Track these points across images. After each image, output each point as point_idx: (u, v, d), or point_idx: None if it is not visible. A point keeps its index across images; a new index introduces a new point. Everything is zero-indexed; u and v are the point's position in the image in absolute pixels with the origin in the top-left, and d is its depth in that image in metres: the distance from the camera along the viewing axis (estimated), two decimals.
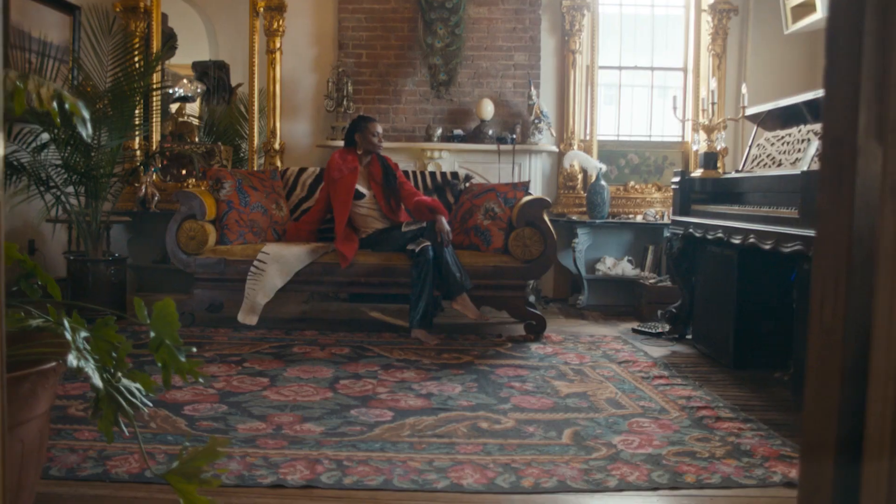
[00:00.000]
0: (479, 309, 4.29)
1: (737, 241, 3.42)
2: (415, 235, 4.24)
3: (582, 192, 5.80)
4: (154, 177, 5.86)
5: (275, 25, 5.75)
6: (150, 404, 1.93)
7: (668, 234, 5.29)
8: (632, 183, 5.88)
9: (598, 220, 5.46)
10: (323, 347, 3.89)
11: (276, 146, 5.81)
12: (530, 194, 4.60)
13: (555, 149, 5.72)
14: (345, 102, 5.54)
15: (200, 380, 1.99)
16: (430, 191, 4.87)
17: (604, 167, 5.56)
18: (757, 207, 3.45)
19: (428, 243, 4.15)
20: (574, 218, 5.56)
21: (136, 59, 4.64)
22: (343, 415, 2.78)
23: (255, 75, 5.83)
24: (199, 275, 4.38)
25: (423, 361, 3.65)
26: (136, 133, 4.85)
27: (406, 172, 4.86)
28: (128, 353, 1.84)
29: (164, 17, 7.01)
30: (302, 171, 4.98)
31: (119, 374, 1.93)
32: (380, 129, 4.49)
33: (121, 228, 5.66)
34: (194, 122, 6.81)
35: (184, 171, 6.06)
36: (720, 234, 3.63)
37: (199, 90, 7.93)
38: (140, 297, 1.84)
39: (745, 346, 3.67)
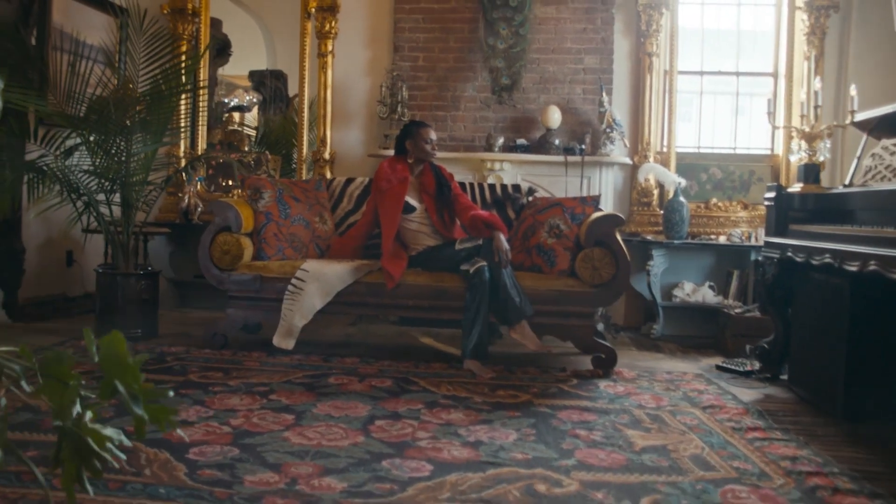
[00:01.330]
0: (541, 339, 3.79)
1: (852, 268, 2.84)
2: (469, 254, 3.78)
3: (658, 210, 5.25)
4: (199, 186, 5.57)
5: (327, 27, 5.40)
6: (123, 455, 1.50)
7: (758, 258, 4.70)
8: (714, 200, 5.29)
9: (676, 241, 4.89)
10: (362, 378, 3.45)
11: (326, 155, 5.45)
12: (601, 210, 4.08)
13: (628, 161, 5.19)
14: (399, 109, 5.13)
15: (179, 431, 1.56)
16: (489, 205, 4.41)
17: (683, 182, 5.00)
18: (878, 228, 2.86)
19: (484, 263, 3.68)
20: (649, 238, 5.00)
21: (172, 58, 4.30)
22: (373, 466, 2.32)
23: (306, 80, 5.50)
24: (232, 292, 4.01)
25: (474, 399, 3.16)
26: (170, 137, 4.49)
27: (462, 184, 4.41)
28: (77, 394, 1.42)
29: (219, 23, 6.79)
30: (349, 181, 4.58)
31: (85, 419, 1.52)
32: (433, 135, 4.06)
33: (161, 241, 5.37)
34: (245, 131, 6.55)
35: (230, 181, 5.76)
36: (828, 259, 3.05)
37: (254, 100, 7.71)
38: (89, 330, 1.42)
39: (859, 392, 3.07)
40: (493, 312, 3.73)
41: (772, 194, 3.77)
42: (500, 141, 5.13)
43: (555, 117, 5.09)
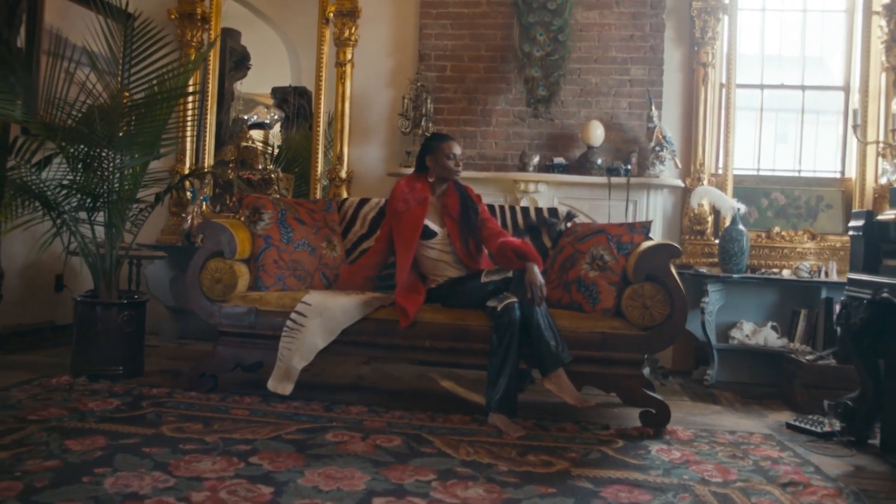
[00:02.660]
0: (580, 389, 3.20)
1: None
2: (498, 288, 3.23)
3: (712, 239, 4.65)
4: (204, 206, 5.10)
5: (346, 34, 4.93)
6: None
7: (832, 297, 4.08)
8: (776, 229, 4.67)
9: (735, 275, 4.28)
10: (367, 435, 2.89)
11: (343, 174, 4.95)
12: (651, 239, 3.50)
13: (679, 183, 4.60)
14: (423, 123, 4.62)
15: None
16: (522, 231, 3.86)
17: (742, 208, 4.40)
18: None
19: (514, 300, 3.12)
20: (703, 271, 4.40)
21: (167, 62, 3.83)
22: None
23: (323, 91, 5.03)
24: (224, 327, 3.50)
25: (499, 468, 2.58)
26: (166, 150, 4.00)
27: (491, 207, 3.86)
28: None
29: (236, 34, 6.40)
30: (363, 201, 4.05)
31: None
32: (457, 149, 3.53)
33: (162, 265, 4.90)
34: (260, 148, 6.12)
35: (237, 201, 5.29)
36: None
37: (276, 117, 7.33)
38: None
39: None
40: (523, 358, 3.15)
41: (859, 223, 3.16)
42: (536, 160, 4.58)
43: (597, 134, 4.54)
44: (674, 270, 3.26)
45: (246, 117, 6.99)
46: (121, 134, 3.59)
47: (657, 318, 3.20)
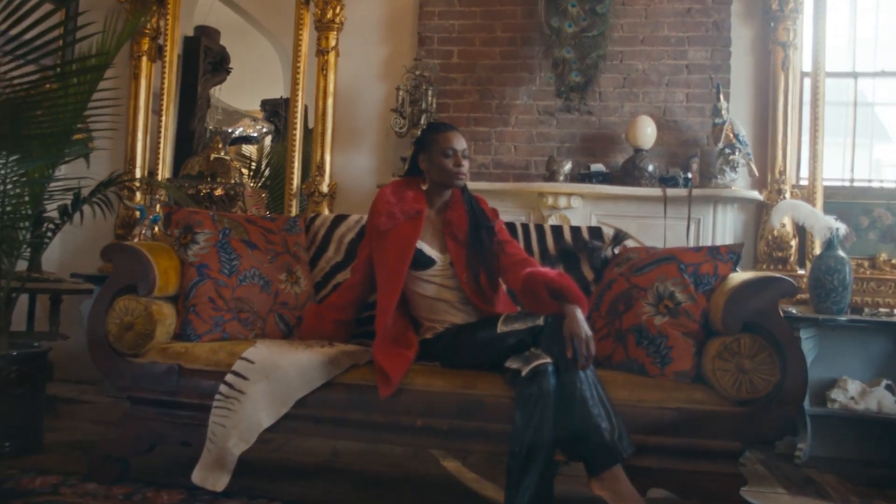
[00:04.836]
0: (645, 494, 2.14)
1: None
2: (522, 342, 2.19)
3: (797, 269, 3.60)
4: (155, 229, 4.12)
5: (329, 14, 3.98)
6: None
7: None
8: (883, 255, 3.61)
9: (840, 318, 3.22)
10: None
11: (324, 188, 3.96)
12: (737, 270, 2.46)
13: (758, 196, 3.56)
14: (423, 121, 3.63)
15: None
16: (553, 259, 2.81)
17: (843, 228, 3.33)
18: None
19: (547, 360, 2.09)
20: (791, 311, 3.33)
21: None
22: None
23: (301, 86, 4.06)
24: (136, 391, 2.49)
25: None
26: (70, 150, 2.99)
27: (511, 226, 2.83)
28: None
29: (214, 34, 5.56)
30: (340, 219, 3.03)
31: None
32: (459, 143, 2.49)
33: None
34: (234, 162, 5.20)
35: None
36: None
37: (264, 130, 6.49)
38: None
39: None
40: (560, 447, 2.10)
41: None
42: (567, 167, 3.57)
43: (647, 133, 3.53)
44: (783, 315, 2.21)
45: (230, 130, 6.17)
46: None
47: (760, 389, 2.15)
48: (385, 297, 2.41)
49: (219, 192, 4.12)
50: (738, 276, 2.29)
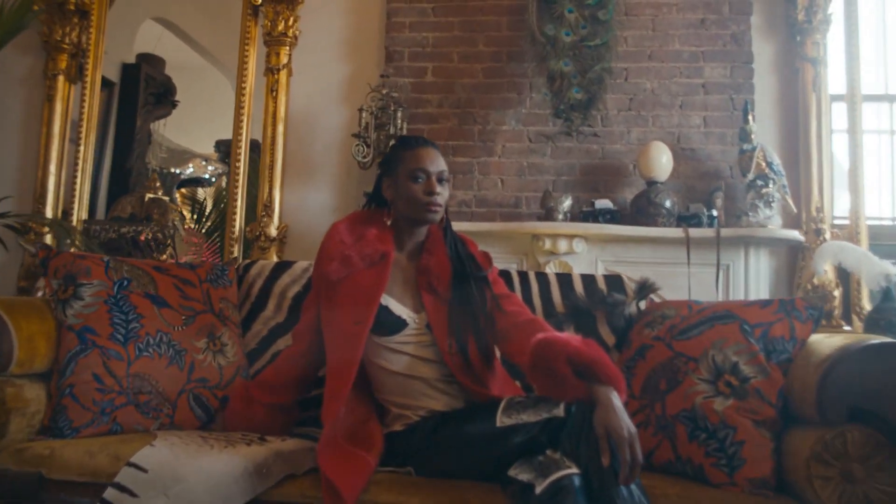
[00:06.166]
0: None
1: None
2: (533, 441, 1.51)
3: (843, 323, 2.99)
4: None
5: (280, 26, 3.37)
6: None
7: None
8: None
9: None
10: None
11: (272, 230, 3.29)
12: (823, 325, 1.82)
13: (797, 237, 2.96)
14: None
15: None
16: (559, 317, 2.15)
17: None
18: None
19: (573, 471, 1.41)
20: None
21: None
22: None
23: (246, 111, 3.42)
24: None
25: None
26: None
27: (505, 274, 2.18)
28: None
29: (159, 62, 4.97)
30: (282, 267, 2.35)
31: None
32: (435, 164, 1.82)
33: None
34: (172, 204, 4.57)
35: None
36: None
37: (218, 170, 5.85)
38: None
39: None
40: None
41: None
42: (567, 203, 2.95)
43: (661, 163, 2.94)
44: None
45: (178, 171, 5.52)
46: None
47: (876, 502, 1.49)
48: (336, 374, 1.73)
49: (143, 236, 3.42)
50: (830, 342, 1.65)
